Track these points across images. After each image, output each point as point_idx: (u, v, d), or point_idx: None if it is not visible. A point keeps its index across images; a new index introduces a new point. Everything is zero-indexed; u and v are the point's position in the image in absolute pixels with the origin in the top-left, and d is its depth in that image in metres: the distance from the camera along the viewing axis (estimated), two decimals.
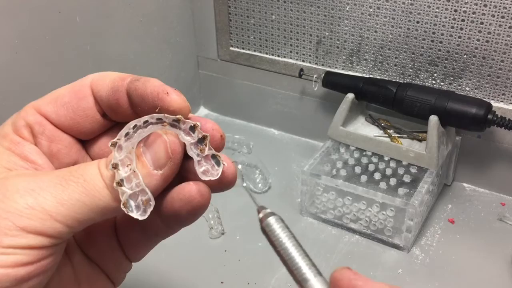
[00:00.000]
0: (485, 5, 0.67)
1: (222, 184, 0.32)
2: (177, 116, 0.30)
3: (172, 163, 0.29)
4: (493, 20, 0.67)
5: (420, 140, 0.73)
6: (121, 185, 0.28)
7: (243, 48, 0.89)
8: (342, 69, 0.81)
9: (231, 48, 0.90)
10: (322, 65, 0.83)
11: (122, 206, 0.28)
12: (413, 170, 0.71)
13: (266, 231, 0.30)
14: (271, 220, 0.30)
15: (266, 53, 0.87)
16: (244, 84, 0.92)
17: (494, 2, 0.66)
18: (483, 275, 0.64)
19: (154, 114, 0.30)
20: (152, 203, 0.29)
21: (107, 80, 0.32)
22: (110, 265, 0.35)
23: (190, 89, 0.96)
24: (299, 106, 0.88)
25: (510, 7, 0.65)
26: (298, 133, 0.91)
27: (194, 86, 0.97)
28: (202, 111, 1.00)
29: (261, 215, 0.30)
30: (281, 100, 0.89)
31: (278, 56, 0.86)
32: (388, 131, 0.75)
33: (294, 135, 0.91)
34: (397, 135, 0.74)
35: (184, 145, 0.30)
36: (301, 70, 0.81)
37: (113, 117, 0.33)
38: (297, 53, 0.84)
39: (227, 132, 0.90)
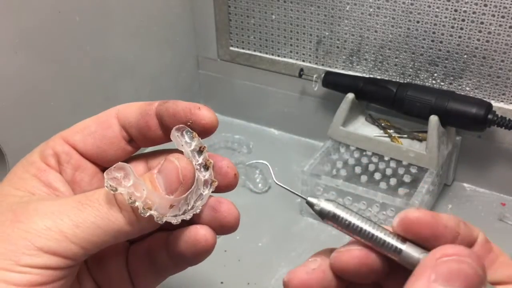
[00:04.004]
0: (485, 5, 0.67)
1: (224, 229, 0.34)
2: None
3: (183, 188, 0.31)
4: (494, 20, 0.67)
5: (420, 140, 0.73)
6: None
7: (243, 48, 0.89)
8: (342, 69, 0.81)
9: (231, 48, 0.90)
10: (322, 65, 0.83)
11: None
12: (413, 170, 0.71)
13: (333, 220, 0.29)
14: (332, 207, 0.30)
15: (266, 53, 0.87)
16: (244, 84, 0.92)
17: (494, 2, 0.66)
18: None
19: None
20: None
21: (133, 107, 0.35)
22: None
23: (190, 89, 0.96)
24: (299, 106, 0.88)
25: (510, 7, 0.65)
26: (298, 133, 0.91)
27: (194, 86, 0.97)
28: None
29: (319, 206, 0.30)
30: (281, 100, 0.89)
31: (278, 56, 0.86)
32: (388, 131, 0.75)
33: (294, 135, 0.91)
34: (397, 135, 0.74)
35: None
36: (301, 70, 0.81)
37: (141, 142, 0.36)
38: (297, 53, 0.84)
39: (227, 132, 0.91)
